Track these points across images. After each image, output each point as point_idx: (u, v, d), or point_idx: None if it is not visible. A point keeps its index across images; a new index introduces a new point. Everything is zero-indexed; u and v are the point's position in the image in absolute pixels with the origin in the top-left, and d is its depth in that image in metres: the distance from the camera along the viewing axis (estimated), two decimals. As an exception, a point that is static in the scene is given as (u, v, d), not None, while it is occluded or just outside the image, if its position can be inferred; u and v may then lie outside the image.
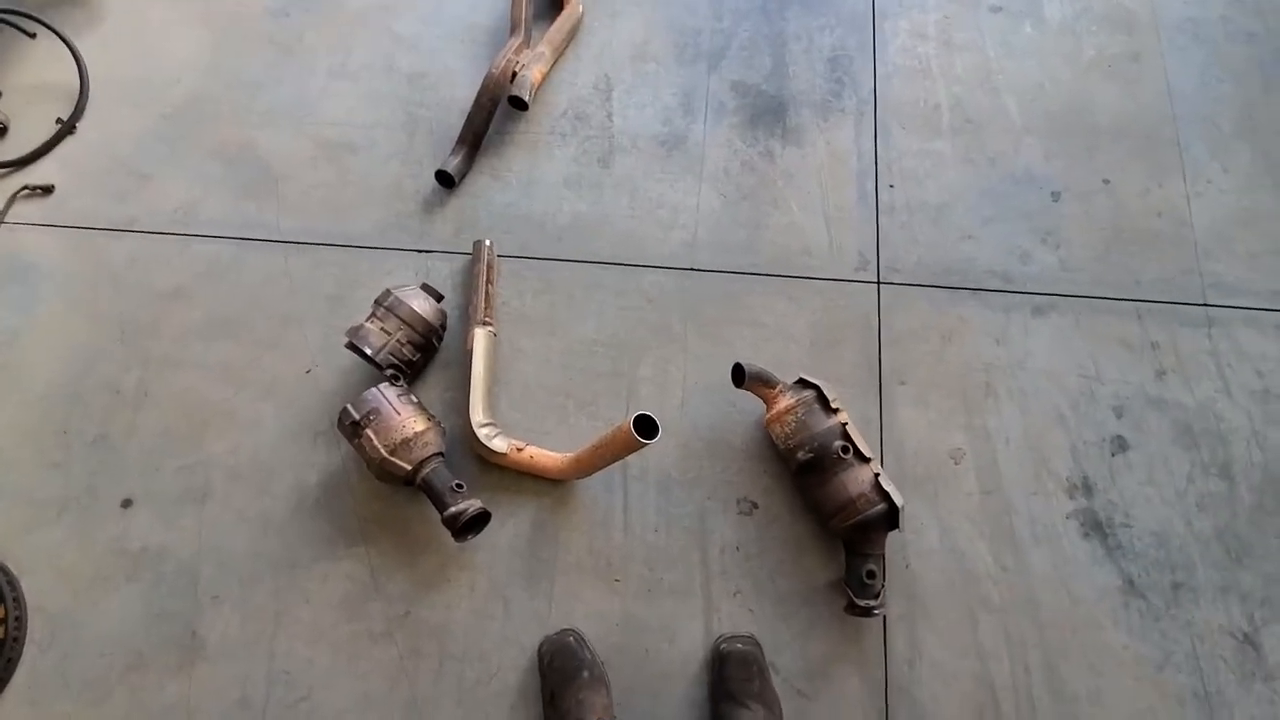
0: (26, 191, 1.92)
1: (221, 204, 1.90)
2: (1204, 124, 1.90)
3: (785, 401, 1.52)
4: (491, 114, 1.88)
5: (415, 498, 1.61)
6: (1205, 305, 1.73)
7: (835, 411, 1.50)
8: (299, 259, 1.84)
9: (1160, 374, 1.68)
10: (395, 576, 1.57)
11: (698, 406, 1.68)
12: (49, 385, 1.74)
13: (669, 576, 1.55)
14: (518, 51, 1.89)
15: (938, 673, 1.47)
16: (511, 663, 1.49)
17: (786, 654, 1.48)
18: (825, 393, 1.50)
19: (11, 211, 1.90)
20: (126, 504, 1.65)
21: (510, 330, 1.73)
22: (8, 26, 1.91)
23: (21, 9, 1.94)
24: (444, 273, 1.81)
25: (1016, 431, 1.64)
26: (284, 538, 1.60)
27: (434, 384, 1.71)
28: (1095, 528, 1.57)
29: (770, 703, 1.39)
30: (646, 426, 1.30)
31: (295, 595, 1.56)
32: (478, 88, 1.97)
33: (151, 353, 1.76)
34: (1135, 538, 1.56)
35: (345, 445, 1.66)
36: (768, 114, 1.95)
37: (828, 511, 1.47)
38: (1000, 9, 2.06)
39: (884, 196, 1.85)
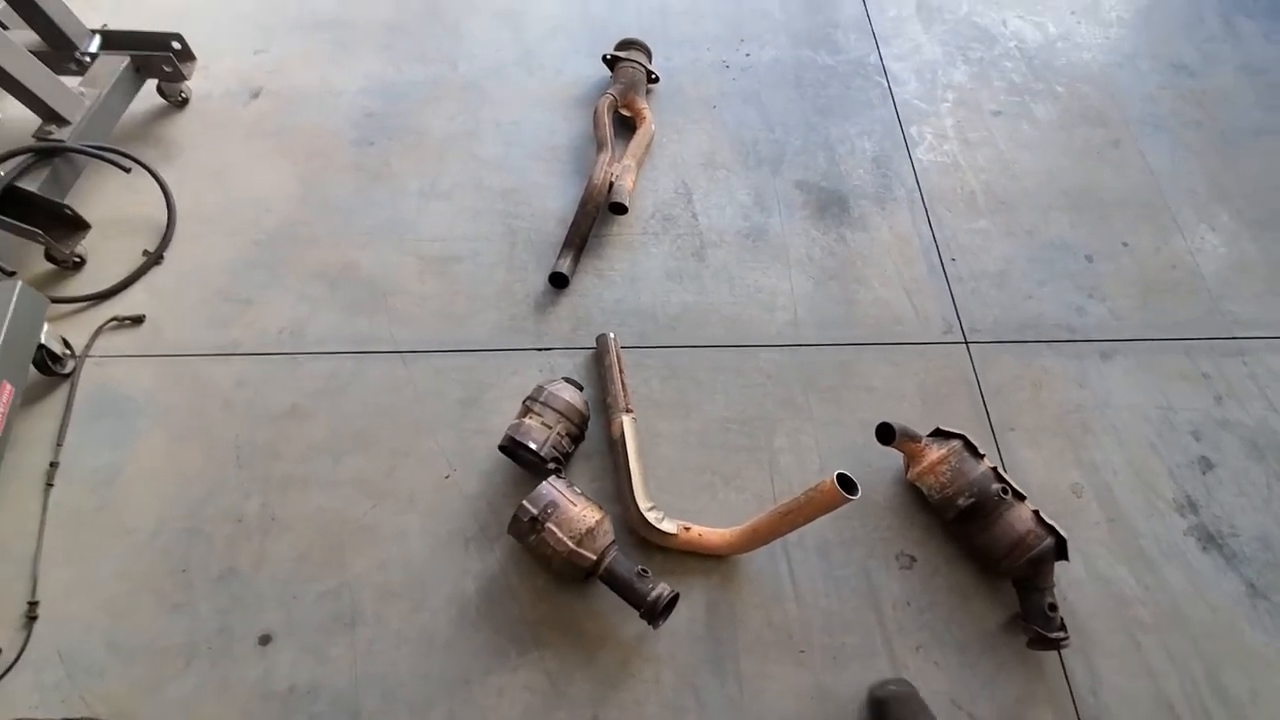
0: (114, 323, 1.86)
1: (330, 321, 1.90)
2: (1185, 193, 2.28)
3: (935, 454, 1.63)
4: (594, 219, 2.01)
5: (583, 594, 1.58)
6: (1234, 339, 2.01)
7: (982, 457, 1.62)
8: (420, 367, 1.85)
9: (1218, 399, 1.91)
10: (575, 679, 1.50)
11: (836, 465, 1.75)
12: (160, 522, 1.63)
13: (850, 640, 1.56)
14: (609, 165, 2.06)
15: (1120, 697, 1.53)
16: (719, 754, 1.43)
17: (981, 701, 1.51)
18: (971, 440, 1.62)
19: (100, 345, 1.83)
20: (265, 640, 1.52)
21: (645, 416, 1.78)
22: (101, 162, 1.91)
23: (108, 145, 1.96)
24: (566, 368, 1.86)
25: (1120, 462, 1.80)
26: (451, 654, 1.51)
27: (579, 474, 1.71)
28: (1210, 540, 1.72)
29: None
30: (846, 483, 1.36)
31: (473, 715, 1.46)
32: (567, 199, 2.13)
33: (273, 475, 1.69)
34: (1244, 545, 1.72)
35: (501, 550, 1.62)
36: (833, 205, 2.19)
37: (998, 553, 1.55)
38: (1000, 112, 2.44)
39: (950, 269, 2.09)
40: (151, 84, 2.19)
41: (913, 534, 1.69)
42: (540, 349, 1.89)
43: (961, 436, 1.63)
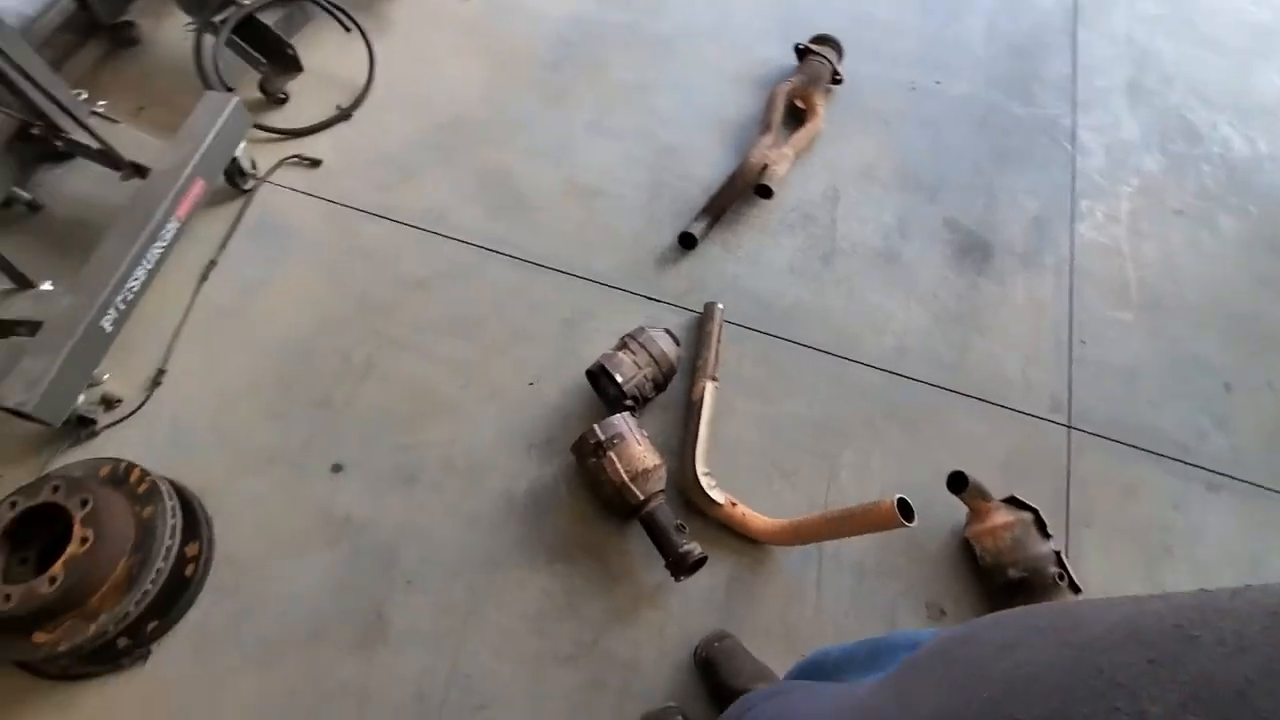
0: (295, 160, 2.06)
1: (474, 215, 2.04)
2: (1365, 354, 2.08)
3: (1000, 518, 1.59)
4: (738, 195, 2.06)
5: (620, 529, 1.65)
6: (1368, 519, 1.84)
7: (1049, 537, 1.57)
8: (538, 280, 1.95)
9: (1327, 574, 1.76)
10: (589, 601, 1.58)
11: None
12: (283, 340, 1.81)
13: (857, 664, 1.56)
14: (769, 148, 2.09)
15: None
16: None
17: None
18: (1042, 516, 1.58)
19: (279, 175, 2.04)
20: (337, 469, 1.68)
21: (727, 390, 1.82)
22: (328, 16, 2.12)
23: (339, 4, 2.16)
24: (670, 323, 1.92)
25: (1194, 598, 1.70)
26: (489, 537, 1.63)
27: (649, 421, 1.78)
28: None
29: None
30: (905, 509, 1.37)
31: (490, 598, 1.57)
32: (719, 170, 2.17)
33: (385, 332, 1.84)
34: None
35: (558, 464, 1.71)
36: (975, 251, 2.14)
37: (1034, 633, 1.51)
38: (1182, 213, 2.30)
39: (1077, 350, 2.00)
40: (386, -38, 2.39)
41: (952, 588, 1.66)
42: (651, 298, 1.96)
43: (1034, 511, 1.59)
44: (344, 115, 2.14)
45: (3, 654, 1.34)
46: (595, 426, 1.57)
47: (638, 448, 1.55)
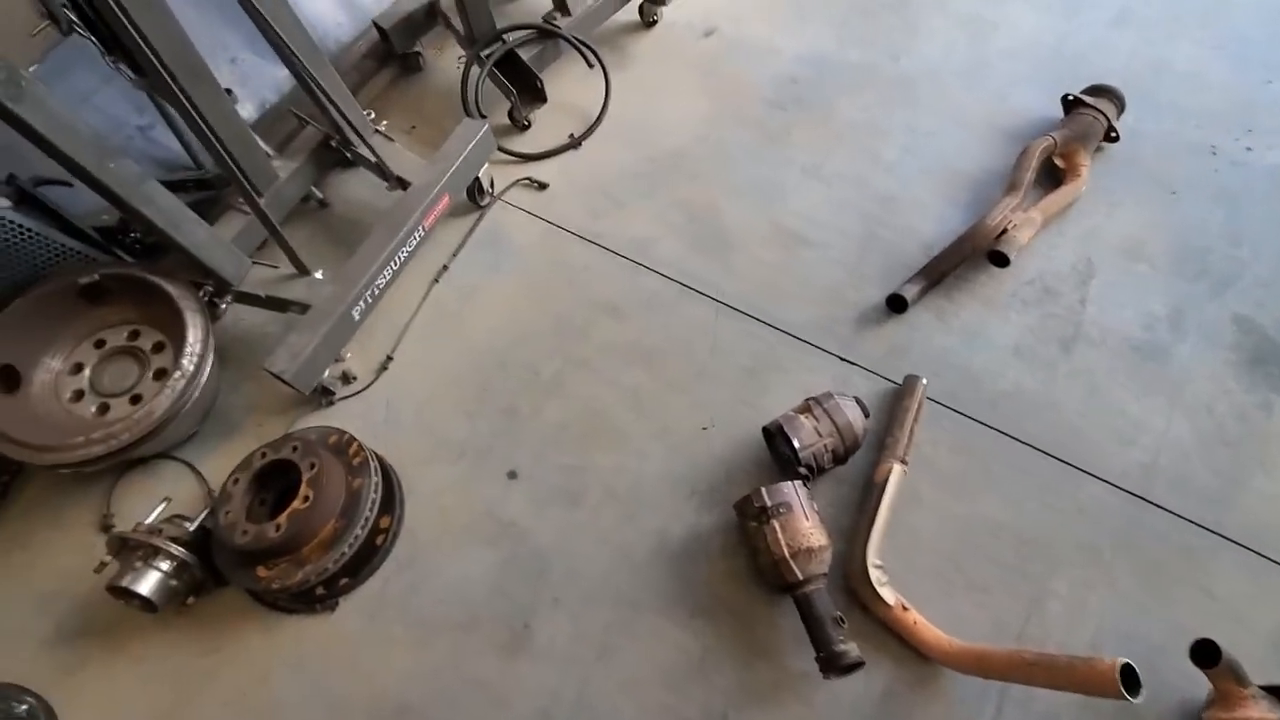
0: (526, 182, 2.24)
1: (675, 249, 2.06)
2: None
3: (1256, 711, 1.23)
4: (965, 259, 1.84)
5: (773, 601, 1.55)
6: None
7: (1336, 761, 1.18)
8: (729, 323, 1.92)
9: None
10: (724, 669, 1.50)
11: (1113, 651, 1.43)
12: (486, 344, 1.97)
13: (1029, 838, 1.30)
14: (1013, 210, 1.85)
15: None
16: (822, 834, 1.33)
17: None
18: (1331, 731, 1.19)
19: (510, 194, 2.23)
20: (512, 475, 1.77)
21: (916, 476, 1.63)
22: (575, 51, 2.29)
23: (589, 42, 2.32)
24: (861, 390, 1.78)
25: None
26: (635, 576, 1.61)
27: (821, 493, 1.65)
28: None
29: None
30: (1129, 678, 1.10)
31: (626, 638, 1.55)
32: (943, 227, 1.97)
33: (575, 352, 1.92)
34: None
35: (717, 516, 1.66)
36: (1273, 363, 1.70)
37: None
38: None
39: None
40: (635, 1, 2.51)
41: (1175, 782, 1.32)
42: (844, 359, 1.83)
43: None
44: (574, 144, 2.29)
45: (238, 581, 1.60)
46: (763, 490, 1.48)
47: (805, 523, 1.44)
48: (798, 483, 1.50)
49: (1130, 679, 1.10)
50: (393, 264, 1.88)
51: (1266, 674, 1.33)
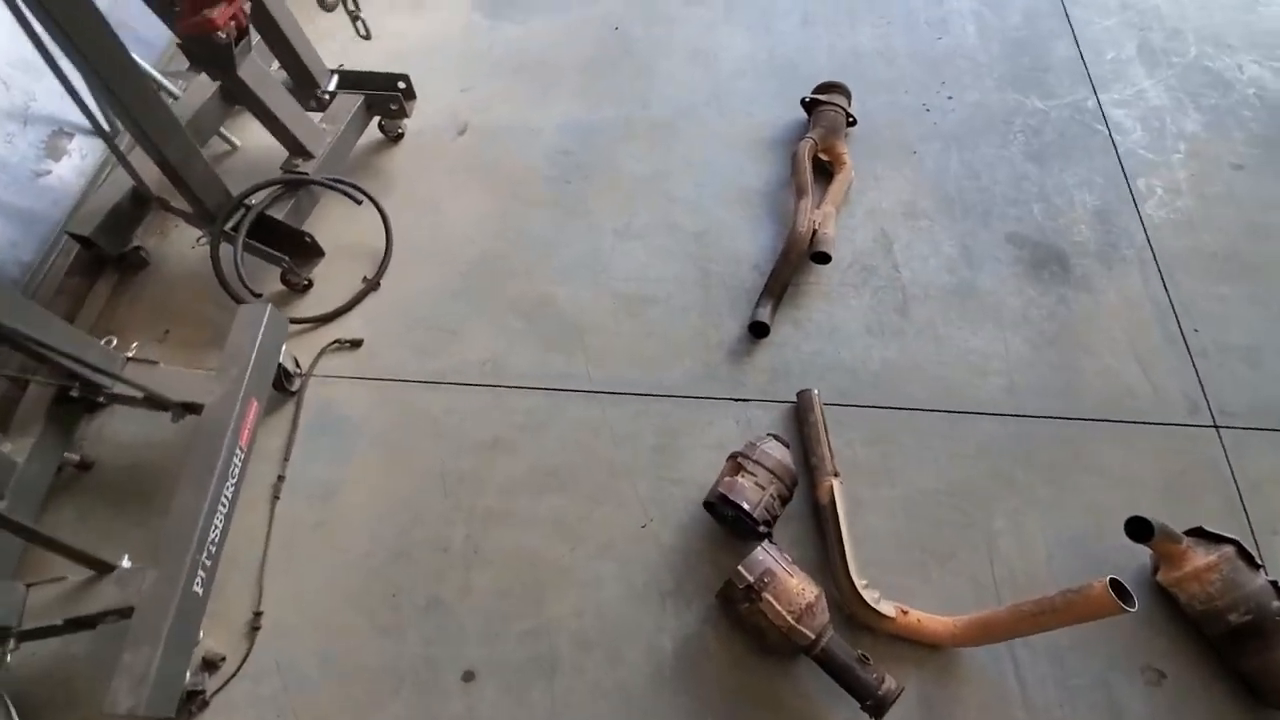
0: (336, 345, 1.97)
1: (529, 356, 1.94)
2: None
3: (1201, 559, 1.44)
4: (796, 268, 1.95)
5: (787, 668, 1.49)
6: None
7: (1259, 568, 1.41)
8: (616, 410, 1.84)
9: None
10: (779, 761, 1.42)
11: (1065, 561, 1.60)
12: (372, 543, 1.69)
13: (1091, 762, 1.39)
14: (813, 211, 2.00)
15: None
16: None
17: None
18: (1245, 547, 1.42)
19: (323, 365, 1.94)
20: (468, 677, 1.53)
21: (847, 480, 1.68)
22: (334, 191, 2.05)
23: (346, 179, 2.10)
24: (763, 421, 1.80)
25: None
26: (649, 711, 1.47)
27: (779, 538, 1.63)
28: None
29: None
30: (1120, 592, 1.21)
31: (671, 785, 1.41)
32: (759, 243, 2.08)
33: (476, 507, 1.72)
34: None
35: (698, 608, 1.57)
36: (1050, 263, 2.02)
37: (1278, 682, 1.34)
38: (1242, 166, 2.19)
39: (1192, 340, 1.87)
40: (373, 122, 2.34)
41: (1159, 645, 1.49)
42: (736, 399, 1.84)
43: (1235, 542, 1.43)
44: (372, 286, 2.06)
45: None
46: (740, 569, 1.42)
47: (792, 580, 1.41)
48: (765, 543, 1.47)
49: (1122, 594, 1.20)
50: (221, 509, 1.53)
51: (1171, 518, 1.55)
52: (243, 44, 1.74)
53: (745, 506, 1.50)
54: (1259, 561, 1.42)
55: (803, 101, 2.29)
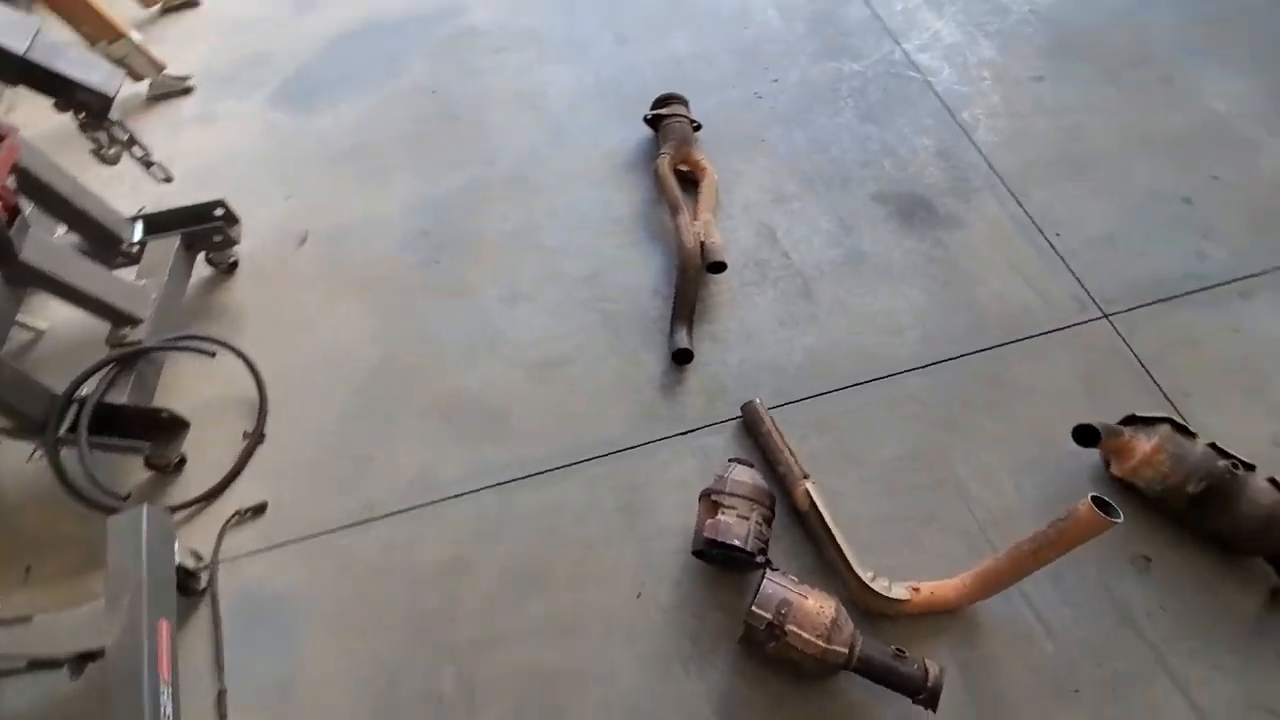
0: (237, 518, 1.72)
1: (458, 458, 1.78)
2: (1251, 114, 2.24)
3: (1146, 444, 1.54)
4: (698, 285, 1.93)
5: (824, 689, 1.45)
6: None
7: (1194, 435, 1.53)
8: (568, 484, 1.73)
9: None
10: (852, 785, 1.37)
11: (1031, 484, 1.66)
12: (351, 723, 1.48)
13: (1120, 665, 1.45)
14: (693, 224, 1.98)
15: None
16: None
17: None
18: (1177, 421, 1.54)
19: (229, 545, 1.69)
20: (509, 831, 1.37)
21: (814, 475, 1.67)
22: (187, 351, 1.80)
23: (183, 333, 1.84)
24: (717, 446, 1.76)
25: (1308, 400, 1.72)
26: (711, 791, 1.38)
27: (776, 559, 1.59)
28: None
29: None
30: (1103, 506, 1.26)
31: None
32: (650, 270, 2.05)
33: (458, 639, 1.56)
34: None
35: (723, 660, 1.50)
36: (918, 210, 2.12)
37: (1247, 532, 1.45)
38: (1041, 78, 2.41)
39: (1058, 244, 2.02)
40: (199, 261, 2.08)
41: (1137, 533, 1.58)
42: (683, 433, 1.78)
43: (1167, 420, 1.55)
44: (256, 439, 1.83)
45: None
46: (755, 609, 1.36)
47: (809, 603, 1.36)
48: (769, 574, 1.42)
49: (1104, 507, 1.25)
50: (160, 759, 1.28)
51: (1100, 412, 1.65)
52: (18, 224, 1.48)
53: (736, 543, 1.45)
54: (1191, 430, 1.54)
55: (646, 119, 2.28)
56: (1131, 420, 1.60)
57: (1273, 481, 1.46)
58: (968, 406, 1.78)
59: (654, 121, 2.27)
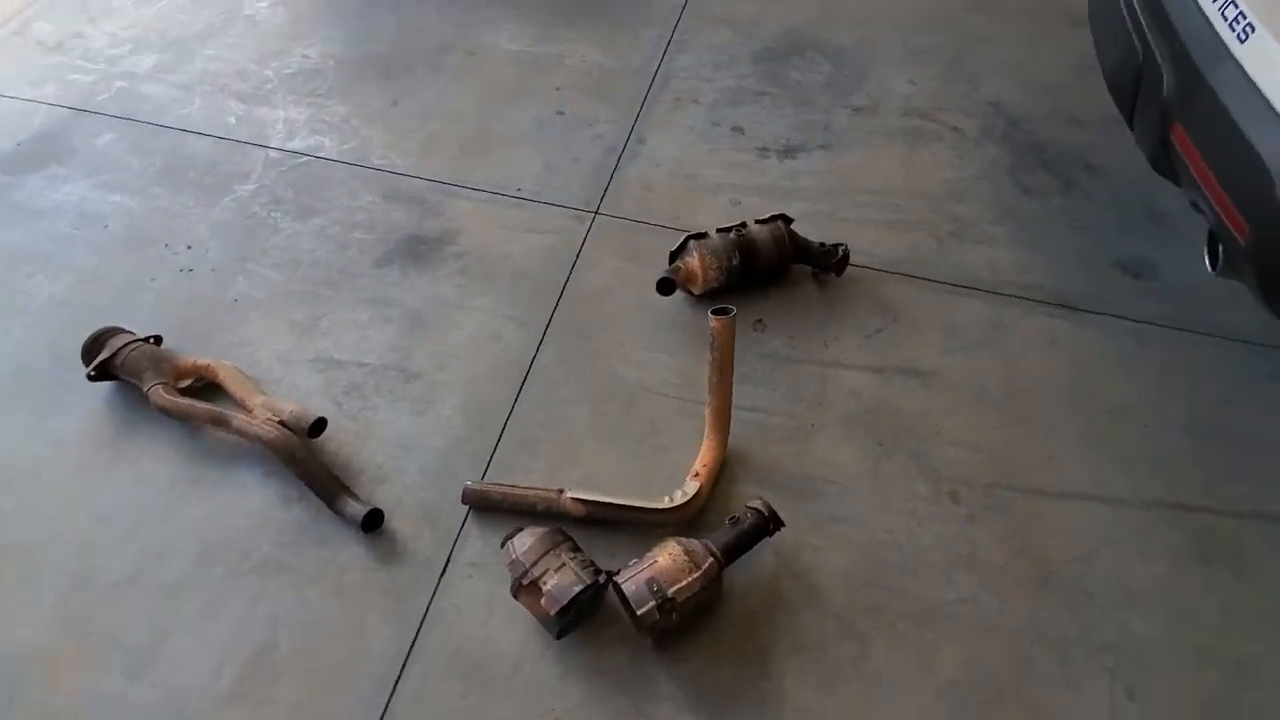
0: None
1: None
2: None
3: (694, 261, 1.94)
4: (315, 455, 1.67)
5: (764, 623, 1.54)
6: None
7: (705, 233, 1.98)
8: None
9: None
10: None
11: (670, 343, 1.97)
12: None
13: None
14: (253, 417, 1.69)
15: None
16: None
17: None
18: (697, 233, 1.97)
19: None
20: None
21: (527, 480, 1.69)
22: None
23: None
24: (481, 548, 1.63)
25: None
26: None
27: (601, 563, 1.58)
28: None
29: None
30: (718, 311, 1.57)
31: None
32: (257, 500, 1.71)
33: None
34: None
35: (665, 675, 1.46)
36: (419, 247, 2.18)
37: (774, 262, 2.00)
38: (396, 102, 2.63)
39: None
40: None
41: (745, 313, 1.98)
42: (441, 576, 1.60)
43: (686, 237, 1.97)
44: None
45: None
46: (638, 612, 1.35)
47: (661, 561, 1.41)
48: (613, 579, 1.42)
49: (719, 312, 1.55)
50: None
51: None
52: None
53: (578, 590, 1.38)
54: (698, 233, 1.99)
55: (90, 376, 1.80)
56: (681, 248, 1.98)
57: (756, 222, 2.01)
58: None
59: (103, 370, 1.80)
